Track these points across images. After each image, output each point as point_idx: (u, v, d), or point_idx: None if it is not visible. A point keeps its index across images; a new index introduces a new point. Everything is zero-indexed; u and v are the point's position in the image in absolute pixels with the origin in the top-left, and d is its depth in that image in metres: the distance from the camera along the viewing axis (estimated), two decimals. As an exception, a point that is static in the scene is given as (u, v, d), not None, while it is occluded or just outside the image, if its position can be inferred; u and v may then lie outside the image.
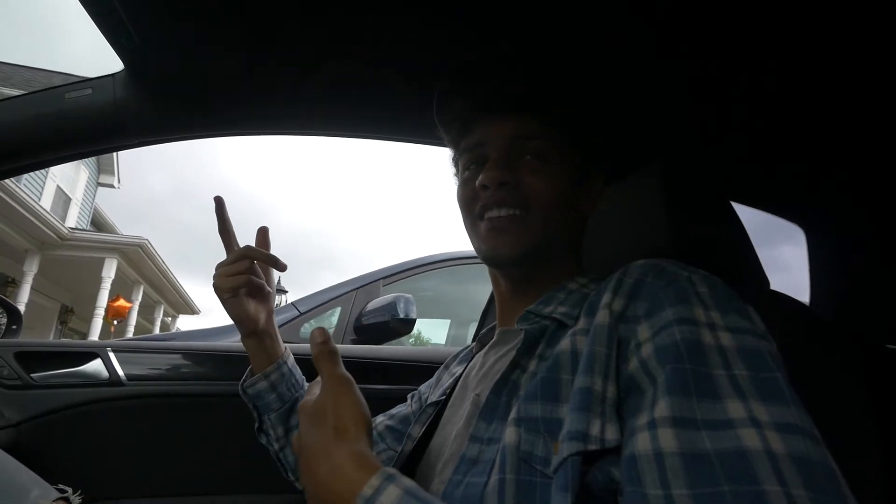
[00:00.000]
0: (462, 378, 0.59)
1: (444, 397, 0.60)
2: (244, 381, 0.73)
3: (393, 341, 1.58)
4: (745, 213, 0.90)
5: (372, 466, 0.38)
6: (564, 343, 0.45)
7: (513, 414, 0.42)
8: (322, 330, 0.46)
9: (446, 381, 0.66)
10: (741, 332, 0.38)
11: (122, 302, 8.05)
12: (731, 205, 0.66)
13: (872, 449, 0.48)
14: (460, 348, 0.74)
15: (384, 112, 0.85)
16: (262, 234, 0.74)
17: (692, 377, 0.36)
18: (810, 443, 0.33)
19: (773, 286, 0.66)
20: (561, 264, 0.57)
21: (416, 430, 0.60)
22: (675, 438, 0.34)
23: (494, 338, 0.58)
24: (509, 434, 0.41)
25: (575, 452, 0.37)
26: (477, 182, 0.54)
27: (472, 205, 0.56)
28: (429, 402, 0.64)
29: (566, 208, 0.55)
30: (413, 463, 0.55)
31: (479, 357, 0.59)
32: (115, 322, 8.20)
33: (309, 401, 0.45)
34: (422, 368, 1.16)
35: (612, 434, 0.37)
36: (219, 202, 0.71)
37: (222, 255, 0.71)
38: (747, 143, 0.84)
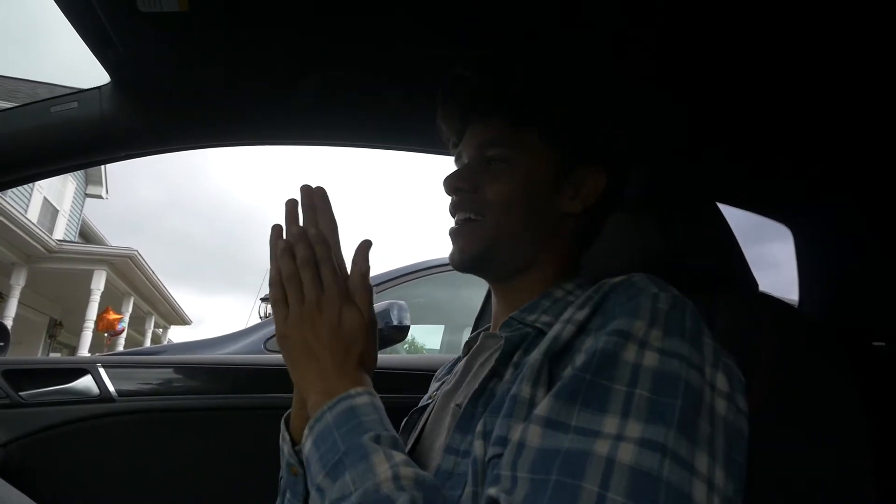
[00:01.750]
0: (446, 384, 0.59)
1: (430, 401, 0.60)
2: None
3: (387, 349, 1.57)
4: (732, 213, 0.91)
5: (362, 382, 0.47)
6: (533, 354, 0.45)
7: (479, 427, 0.42)
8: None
9: (433, 387, 0.66)
10: (671, 355, 0.38)
11: (112, 315, 7.92)
12: (716, 206, 0.67)
13: (864, 446, 0.49)
14: (454, 355, 0.74)
15: (373, 120, 0.86)
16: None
17: (586, 387, 0.37)
18: (670, 463, 0.33)
19: (762, 285, 0.66)
20: (543, 268, 0.55)
21: (402, 439, 0.60)
22: (540, 436, 0.36)
23: (478, 343, 0.57)
24: (477, 447, 0.41)
25: (493, 455, 0.39)
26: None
27: (449, 212, 0.58)
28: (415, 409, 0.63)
29: (531, 210, 0.54)
30: None
31: (463, 363, 0.58)
32: (107, 335, 8.07)
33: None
34: (417, 376, 1.16)
35: None
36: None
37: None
38: (732, 145, 0.85)
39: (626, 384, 0.37)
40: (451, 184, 0.55)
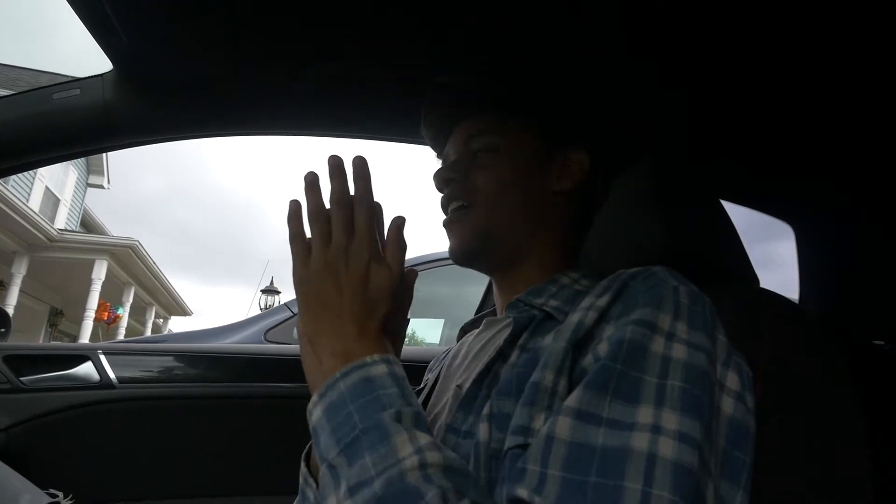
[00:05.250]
0: (445, 367, 0.58)
1: (424, 386, 0.60)
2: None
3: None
4: (735, 210, 0.91)
5: (382, 348, 0.43)
6: (548, 339, 0.45)
7: (486, 409, 0.42)
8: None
9: (427, 377, 0.66)
10: (699, 349, 0.38)
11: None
12: (719, 202, 0.67)
13: (862, 444, 0.49)
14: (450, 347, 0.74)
15: (373, 112, 0.85)
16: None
17: (616, 377, 0.36)
18: (700, 461, 0.33)
19: (764, 283, 0.66)
20: (541, 255, 0.56)
21: None
22: (570, 428, 0.35)
23: (481, 326, 0.57)
24: (482, 430, 0.40)
25: (514, 446, 0.37)
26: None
27: (441, 208, 0.58)
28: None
29: (521, 192, 0.55)
30: None
31: (463, 345, 0.58)
32: (100, 321, 8.02)
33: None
34: (416, 368, 1.16)
35: None
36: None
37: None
38: (737, 142, 0.85)
39: (658, 375, 0.36)
40: (441, 175, 0.56)
